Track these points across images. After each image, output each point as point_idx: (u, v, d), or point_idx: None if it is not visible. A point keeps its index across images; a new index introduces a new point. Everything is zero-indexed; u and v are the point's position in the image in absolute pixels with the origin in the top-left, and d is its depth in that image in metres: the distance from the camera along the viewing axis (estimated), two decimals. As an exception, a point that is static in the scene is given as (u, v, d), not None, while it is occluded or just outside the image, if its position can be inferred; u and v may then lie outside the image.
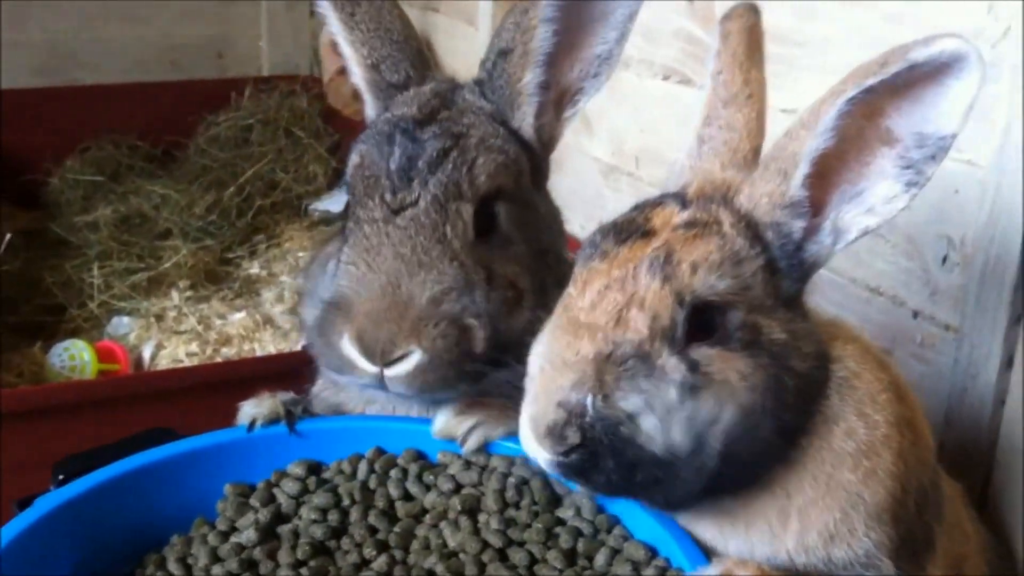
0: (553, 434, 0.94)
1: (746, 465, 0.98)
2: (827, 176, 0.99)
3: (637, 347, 0.95)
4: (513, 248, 1.20)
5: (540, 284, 1.20)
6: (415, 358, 1.09)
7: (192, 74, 4.33)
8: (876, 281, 1.74)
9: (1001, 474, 1.50)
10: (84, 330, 2.77)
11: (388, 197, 1.15)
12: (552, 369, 0.96)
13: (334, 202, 3.72)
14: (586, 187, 2.69)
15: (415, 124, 1.20)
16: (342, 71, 3.23)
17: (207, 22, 4.40)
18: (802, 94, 1.88)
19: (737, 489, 1.01)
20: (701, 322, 0.97)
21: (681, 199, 1.05)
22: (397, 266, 1.12)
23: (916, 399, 1.16)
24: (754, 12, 1.20)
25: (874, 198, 0.99)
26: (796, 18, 1.90)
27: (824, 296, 1.85)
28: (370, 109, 1.32)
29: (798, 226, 1.01)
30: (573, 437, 0.94)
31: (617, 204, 2.65)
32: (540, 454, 0.97)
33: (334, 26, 1.29)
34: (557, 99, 1.26)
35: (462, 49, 3.29)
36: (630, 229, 1.03)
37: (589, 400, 0.93)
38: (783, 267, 1.01)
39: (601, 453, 0.94)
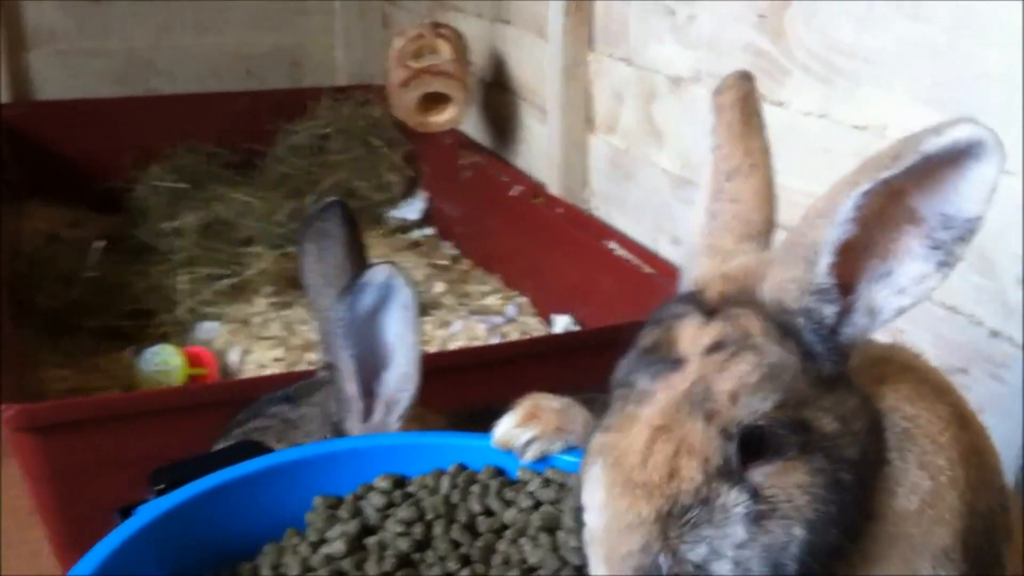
0: None
1: (822, 573, 0.96)
2: (854, 258, 0.97)
3: (695, 495, 0.93)
4: None
5: None
6: None
7: (266, 82, 4.42)
8: (952, 299, 1.75)
9: (1076, 495, 1.50)
10: (172, 335, 2.86)
11: None
12: (618, 534, 0.94)
13: (410, 209, 3.79)
14: (655, 198, 2.72)
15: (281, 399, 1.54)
16: (405, 83, 3.31)
17: (281, 31, 4.49)
18: (867, 108, 1.90)
19: None
20: (753, 441, 0.94)
21: (703, 307, 1.02)
22: None
23: (978, 421, 1.15)
24: (746, 80, 1.18)
25: (905, 278, 0.96)
26: (857, 31, 1.90)
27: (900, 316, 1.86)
28: None
29: (830, 311, 0.98)
30: None
31: (686, 216, 2.67)
32: None
33: None
34: (386, 405, 1.43)
35: (532, 60, 3.33)
36: (658, 358, 1.00)
37: (660, 560, 0.92)
38: (819, 351, 0.98)
39: None
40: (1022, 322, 1.60)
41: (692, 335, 0.99)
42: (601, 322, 2.67)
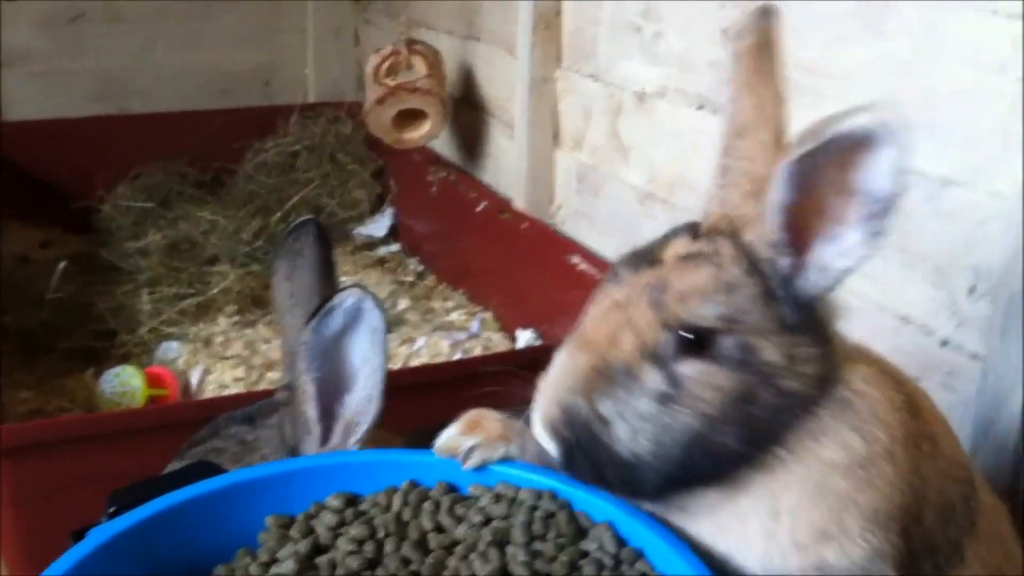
0: (549, 430, 1.11)
1: (709, 468, 1.09)
2: (804, 221, 1.07)
3: (623, 364, 1.09)
4: None
5: None
6: None
7: (240, 101, 4.42)
8: (906, 310, 1.76)
9: (1028, 503, 1.51)
10: (134, 355, 2.86)
11: None
12: (557, 376, 1.13)
13: (377, 226, 3.80)
14: (622, 213, 2.73)
15: (240, 419, 1.51)
16: (381, 100, 3.32)
17: (255, 51, 4.49)
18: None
19: (701, 485, 1.11)
20: (698, 340, 1.08)
21: (695, 231, 1.15)
22: None
23: (938, 416, 1.22)
24: (766, 18, 1.23)
25: (848, 243, 1.06)
26: (824, 50, 1.93)
27: (854, 324, 1.88)
28: None
29: (785, 263, 1.09)
30: (564, 433, 1.10)
31: (652, 230, 2.68)
32: (548, 446, 1.12)
33: None
34: (346, 428, 1.41)
35: (501, 77, 3.35)
36: (643, 257, 1.15)
37: (579, 404, 1.09)
38: (780, 296, 1.09)
39: (582, 450, 1.10)
40: (972, 333, 1.62)
41: (676, 247, 1.14)
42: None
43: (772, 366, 1.08)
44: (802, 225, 1.07)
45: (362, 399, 1.40)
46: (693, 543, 1.13)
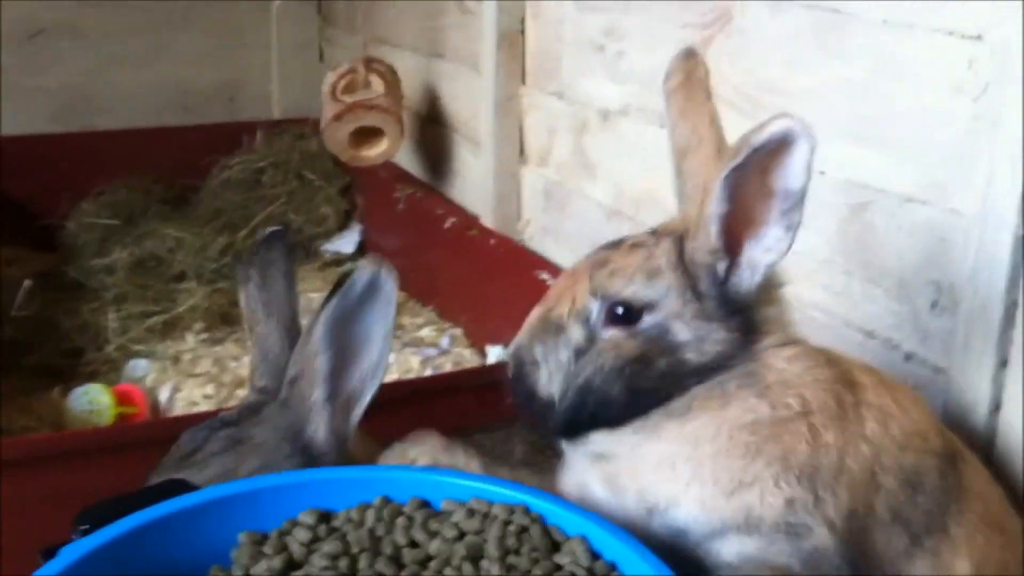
0: (508, 364, 1.36)
1: (601, 414, 1.30)
2: (737, 226, 1.24)
3: (558, 320, 1.32)
4: None
5: None
6: None
7: (204, 117, 4.40)
8: (870, 325, 1.80)
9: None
10: (102, 373, 2.83)
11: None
12: (526, 322, 1.37)
13: (345, 243, 3.79)
14: (588, 229, 2.75)
15: (222, 423, 1.50)
16: (338, 117, 3.33)
17: (219, 68, 4.48)
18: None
19: (600, 428, 1.31)
20: (627, 315, 1.28)
21: (654, 231, 1.36)
22: None
23: (894, 390, 1.34)
24: (689, 59, 1.45)
25: (770, 240, 1.24)
26: (786, 70, 1.96)
27: (820, 339, 1.91)
28: None
29: (722, 266, 1.27)
30: (512, 369, 1.35)
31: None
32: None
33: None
34: (344, 405, 1.47)
35: (465, 94, 3.36)
36: (612, 243, 1.37)
37: (523, 346, 1.34)
38: (708, 293, 1.28)
39: (518, 384, 1.34)
40: (936, 347, 1.65)
41: (633, 238, 1.35)
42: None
43: (679, 344, 1.28)
44: (734, 230, 1.24)
45: (369, 367, 1.46)
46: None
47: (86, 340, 2.97)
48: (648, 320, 1.28)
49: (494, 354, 2.92)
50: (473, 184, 3.34)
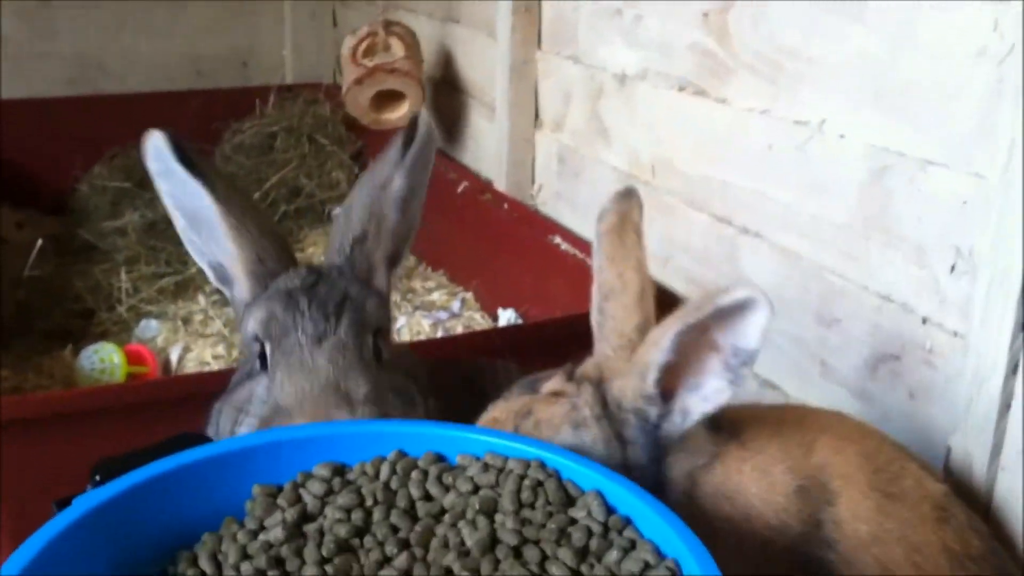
0: None
1: None
2: (675, 374, 1.30)
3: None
4: (392, 369, 1.53)
5: (409, 392, 1.55)
6: None
7: (216, 83, 4.39)
8: (887, 289, 1.78)
9: (1006, 479, 1.53)
10: (113, 334, 2.84)
11: (310, 330, 1.46)
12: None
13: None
14: (603, 195, 2.72)
15: (305, 288, 1.52)
16: (359, 80, 3.31)
17: (231, 33, 4.47)
18: (807, 105, 1.94)
19: None
20: None
21: (571, 374, 1.40)
22: (331, 375, 1.43)
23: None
24: (624, 201, 1.52)
25: (708, 389, 1.29)
26: (806, 34, 1.94)
27: (837, 305, 1.89)
28: (246, 294, 1.58)
29: (653, 412, 1.32)
30: None
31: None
32: None
33: (222, 236, 1.58)
34: (390, 262, 1.61)
35: (481, 59, 3.34)
36: (529, 385, 1.42)
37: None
38: (635, 440, 1.32)
39: None
40: (954, 311, 1.64)
41: (552, 383, 1.40)
42: (546, 315, 2.69)
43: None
44: (670, 377, 1.30)
45: (406, 230, 1.62)
46: None
47: (98, 301, 2.98)
48: None
49: (505, 318, 2.92)
50: (487, 149, 3.33)
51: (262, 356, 1.50)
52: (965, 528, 1.38)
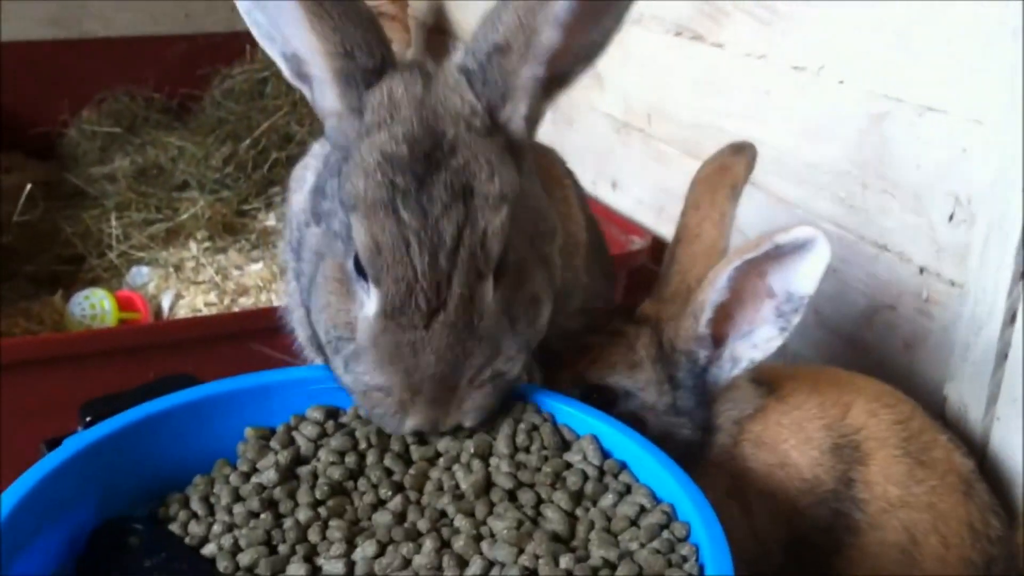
0: None
1: None
2: (727, 318, 1.32)
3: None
4: (522, 270, 1.20)
5: (546, 274, 1.24)
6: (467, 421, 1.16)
7: (204, 27, 4.31)
8: (883, 238, 1.77)
9: (1001, 428, 1.53)
10: (104, 280, 2.81)
11: (422, 304, 1.10)
12: None
13: (348, 155, 3.74)
14: (597, 144, 2.71)
15: (416, 182, 1.11)
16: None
17: (220, -25, 4.39)
18: (804, 50, 1.91)
19: None
20: (607, 398, 1.36)
21: (633, 315, 1.45)
22: (439, 366, 1.11)
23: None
24: (736, 154, 1.52)
25: (759, 338, 1.31)
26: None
27: (833, 253, 1.88)
28: (334, 101, 1.24)
29: (703, 355, 1.35)
30: None
31: (628, 160, 2.67)
32: None
33: (296, 20, 1.19)
34: (547, 87, 1.20)
35: (473, 3, 3.29)
36: (626, 316, 1.46)
37: None
38: (684, 383, 1.36)
39: None
40: (951, 260, 1.63)
41: (614, 324, 1.44)
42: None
43: (649, 407, 1.36)
44: (722, 323, 1.32)
45: (580, 51, 1.19)
46: None
47: (88, 247, 2.94)
48: (622, 407, 1.35)
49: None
50: (479, 97, 3.28)
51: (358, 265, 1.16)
52: (987, 508, 1.40)
